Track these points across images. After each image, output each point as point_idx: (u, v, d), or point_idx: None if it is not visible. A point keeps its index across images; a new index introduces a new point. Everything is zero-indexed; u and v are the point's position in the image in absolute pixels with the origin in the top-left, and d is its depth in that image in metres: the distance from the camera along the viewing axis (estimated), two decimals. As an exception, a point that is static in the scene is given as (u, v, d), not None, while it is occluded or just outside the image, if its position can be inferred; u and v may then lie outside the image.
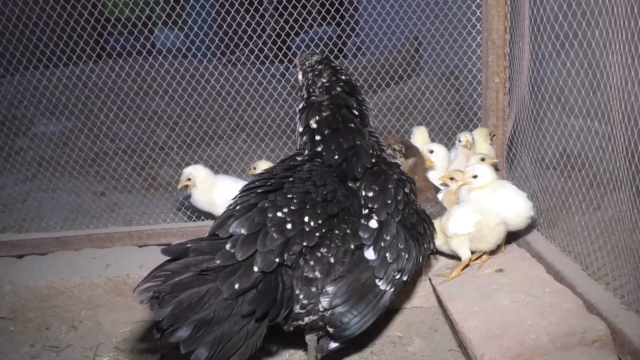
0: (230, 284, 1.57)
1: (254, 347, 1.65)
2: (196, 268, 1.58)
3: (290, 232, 1.72)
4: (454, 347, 2.15)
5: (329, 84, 2.12)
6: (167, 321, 1.50)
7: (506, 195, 2.19)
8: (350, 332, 1.85)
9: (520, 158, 2.56)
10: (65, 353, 2.23)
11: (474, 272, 2.19)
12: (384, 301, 1.89)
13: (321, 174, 1.96)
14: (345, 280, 1.83)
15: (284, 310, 1.73)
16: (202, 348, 1.54)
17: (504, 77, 2.54)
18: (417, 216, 2.04)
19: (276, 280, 1.69)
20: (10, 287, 2.35)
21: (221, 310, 1.56)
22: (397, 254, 1.88)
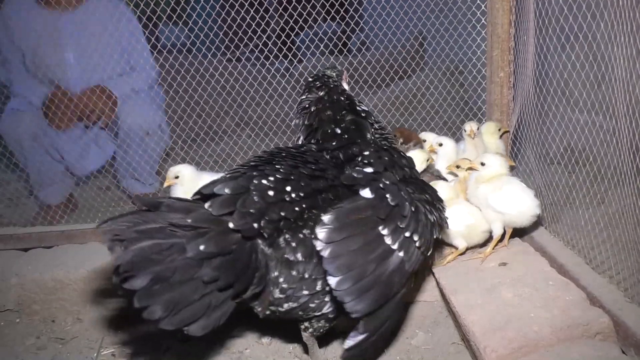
0: (196, 244, 1.49)
1: (216, 322, 1.58)
2: (164, 222, 1.51)
3: (271, 199, 1.65)
4: (457, 340, 2.15)
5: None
6: (125, 266, 1.44)
7: (512, 192, 2.17)
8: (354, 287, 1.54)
9: (525, 152, 2.55)
10: (71, 345, 2.25)
11: (477, 266, 2.19)
12: (392, 264, 1.61)
13: (314, 154, 1.94)
14: (341, 209, 1.60)
15: (253, 287, 1.64)
16: (157, 306, 1.45)
17: (509, 72, 2.54)
18: (425, 187, 1.94)
19: (249, 254, 1.61)
20: (16, 280, 2.38)
21: (183, 270, 1.49)
22: (399, 200, 1.66)
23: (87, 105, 2.94)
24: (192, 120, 3.38)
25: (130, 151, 2.98)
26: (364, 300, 1.57)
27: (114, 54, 3.00)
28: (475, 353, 1.85)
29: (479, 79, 2.76)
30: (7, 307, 2.38)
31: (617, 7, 1.69)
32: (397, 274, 1.64)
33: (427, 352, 2.12)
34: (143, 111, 2.99)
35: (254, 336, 2.25)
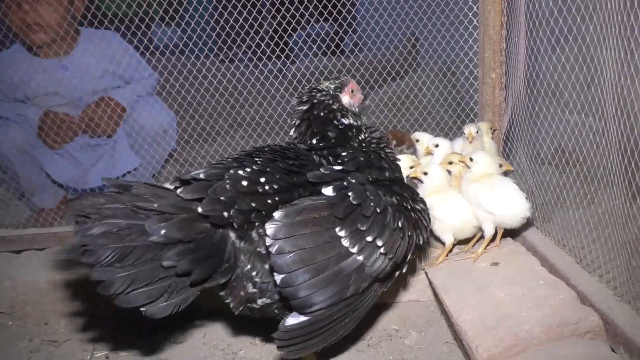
0: (158, 228, 1.53)
1: (175, 307, 1.63)
2: (130, 204, 1.57)
3: (244, 189, 1.66)
4: (449, 339, 2.17)
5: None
6: (83, 240, 1.52)
7: (504, 193, 2.18)
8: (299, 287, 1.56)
9: (516, 153, 2.58)
10: (64, 347, 2.24)
11: (469, 266, 2.21)
12: (347, 267, 1.60)
13: (298, 152, 1.94)
14: (294, 207, 1.61)
15: (218, 277, 1.66)
16: (111, 281, 1.53)
17: (500, 73, 2.56)
18: (406, 192, 1.90)
19: (216, 244, 1.63)
20: (8, 283, 2.37)
21: (141, 251, 1.54)
22: (363, 200, 1.64)
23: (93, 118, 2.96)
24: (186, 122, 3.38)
25: (142, 151, 3.00)
26: (309, 301, 1.59)
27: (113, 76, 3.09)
28: (467, 352, 1.87)
29: (471, 80, 2.78)
30: (0, 310, 2.37)
31: (605, 10, 1.71)
32: (353, 278, 1.62)
33: (421, 352, 2.13)
34: (156, 111, 3.04)
35: (247, 337, 2.25)
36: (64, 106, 3.00)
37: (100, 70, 3.03)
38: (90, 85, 3.02)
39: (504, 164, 2.38)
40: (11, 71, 2.95)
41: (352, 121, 2.13)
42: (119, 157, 3.05)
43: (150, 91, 3.20)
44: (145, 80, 3.17)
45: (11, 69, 2.95)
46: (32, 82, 2.94)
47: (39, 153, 2.95)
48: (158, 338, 2.27)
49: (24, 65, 2.96)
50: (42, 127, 2.92)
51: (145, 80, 3.17)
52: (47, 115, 2.93)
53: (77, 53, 3.04)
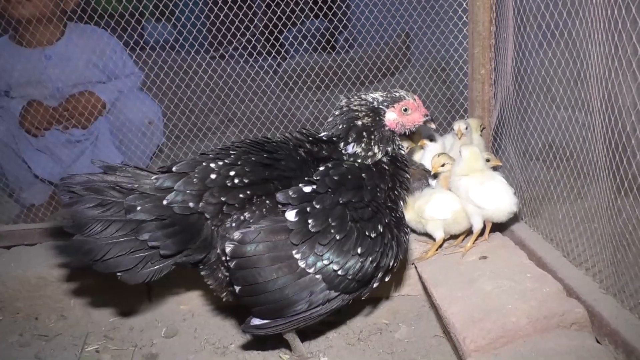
0: (134, 206, 1.72)
1: (149, 276, 1.80)
2: (114, 184, 1.76)
3: (211, 183, 1.78)
4: (439, 332, 2.19)
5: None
6: (70, 211, 1.73)
7: (493, 188, 2.21)
8: (258, 298, 1.72)
9: (505, 149, 2.60)
10: (55, 342, 2.24)
11: (458, 260, 2.23)
12: (306, 285, 1.72)
13: (277, 146, 1.93)
14: (256, 226, 1.72)
15: (192, 253, 1.80)
16: (91, 246, 1.72)
17: (490, 69, 2.58)
18: (382, 214, 1.84)
19: (191, 224, 1.77)
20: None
21: (120, 224, 1.73)
22: (323, 228, 1.70)
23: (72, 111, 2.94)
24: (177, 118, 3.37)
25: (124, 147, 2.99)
26: (263, 313, 1.78)
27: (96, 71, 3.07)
28: (455, 344, 1.89)
29: (461, 76, 2.80)
30: (-10, 305, 2.36)
31: (591, 5, 1.73)
32: (310, 292, 1.75)
33: (410, 345, 2.15)
34: (139, 103, 3.03)
35: (238, 331, 2.26)
36: (45, 98, 2.97)
37: (84, 63, 3.01)
38: (72, 77, 2.99)
39: (492, 159, 2.41)
40: None
41: (358, 150, 1.95)
42: (101, 154, 3.04)
43: (133, 89, 3.18)
44: (130, 78, 3.15)
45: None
46: (15, 71, 2.92)
47: (21, 148, 2.93)
48: (148, 332, 2.28)
49: (8, 55, 2.93)
50: (23, 115, 2.89)
51: (130, 78, 3.15)
52: (28, 104, 2.91)
53: (61, 44, 3.01)
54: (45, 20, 2.85)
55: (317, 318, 1.86)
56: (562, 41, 2.03)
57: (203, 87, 3.06)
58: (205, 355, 2.14)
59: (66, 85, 2.99)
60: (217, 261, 1.86)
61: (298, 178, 1.85)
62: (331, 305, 1.84)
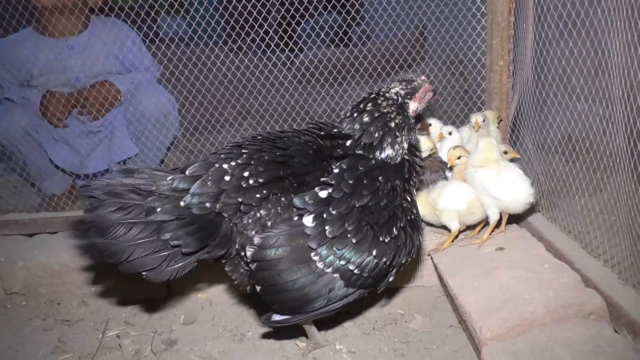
0: (154, 207, 1.75)
1: (173, 274, 1.83)
2: (133, 186, 1.79)
3: (226, 185, 1.80)
4: (454, 323, 2.20)
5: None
6: (92, 216, 1.75)
7: (509, 179, 2.20)
8: (279, 297, 1.79)
9: (523, 140, 2.58)
10: (77, 326, 2.29)
11: (474, 251, 2.23)
12: (324, 283, 1.79)
13: (291, 140, 1.93)
14: (276, 231, 1.77)
15: (213, 250, 1.83)
16: (115, 249, 1.75)
17: (508, 60, 2.56)
18: (397, 217, 1.87)
19: (210, 222, 1.80)
20: (22, 264, 2.42)
21: (142, 226, 1.76)
22: (340, 233, 1.76)
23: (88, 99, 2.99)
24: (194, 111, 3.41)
25: (142, 137, 3.03)
26: (283, 310, 1.85)
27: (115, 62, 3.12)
28: (471, 334, 1.90)
29: (479, 68, 2.78)
30: (14, 290, 2.42)
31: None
32: (329, 290, 1.81)
33: (425, 335, 2.16)
34: (156, 95, 3.06)
35: (255, 319, 2.29)
36: (65, 86, 3.03)
37: (105, 54, 3.05)
38: (93, 67, 3.04)
39: (510, 151, 2.39)
40: (19, 51, 2.97)
41: (390, 152, 1.95)
42: (117, 145, 3.08)
43: (150, 82, 3.22)
44: (148, 71, 3.18)
45: (19, 49, 2.97)
46: (37, 61, 2.97)
47: (41, 137, 2.99)
48: (167, 319, 2.32)
49: (32, 45, 2.99)
50: (45, 105, 2.95)
51: (148, 71, 3.18)
52: (48, 94, 2.97)
53: (84, 35, 3.06)
54: (68, 12, 2.90)
55: (334, 311, 1.90)
56: (584, 31, 2.00)
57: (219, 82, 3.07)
58: (223, 341, 2.17)
59: (86, 76, 3.04)
60: (237, 256, 1.90)
61: (311, 174, 1.88)
62: (348, 300, 1.88)
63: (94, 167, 3.04)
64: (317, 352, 2.08)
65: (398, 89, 1.98)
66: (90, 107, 3.00)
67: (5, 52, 2.98)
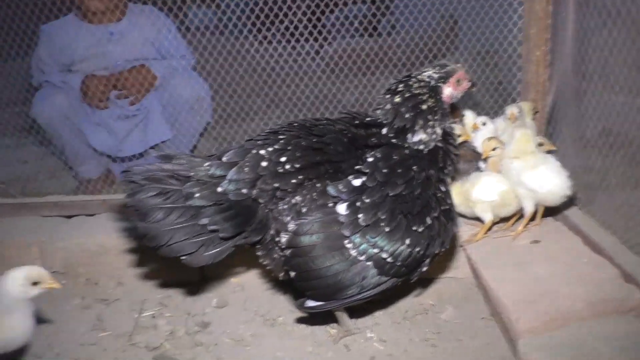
0: (192, 193, 1.78)
1: (211, 259, 1.85)
2: (172, 172, 1.83)
3: (263, 171, 1.83)
4: (486, 315, 2.18)
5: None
6: (134, 201, 1.79)
7: (546, 171, 2.18)
8: (312, 283, 1.82)
9: (560, 133, 2.54)
10: (114, 306, 2.36)
11: (508, 243, 2.22)
12: (358, 271, 1.80)
13: (326, 128, 1.95)
14: (310, 218, 1.80)
15: (249, 235, 1.87)
16: (155, 232, 1.78)
17: (546, 50, 2.51)
18: (430, 207, 1.86)
19: (246, 207, 1.83)
20: (62, 244, 2.49)
21: (181, 211, 1.79)
22: (374, 221, 1.78)
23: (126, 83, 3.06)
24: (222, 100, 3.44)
25: (176, 123, 3.09)
26: (317, 296, 1.87)
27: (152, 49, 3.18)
28: (505, 326, 1.89)
29: (514, 58, 2.73)
30: (54, 269, 2.50)
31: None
32: (362, 278, 1.82)
33: (457, 326, 2.16)
34: (191, 81, 3.11)
35: (286, 305, 2.32)
36: (104, 70, 3.10)
37: (143, 41, 3.12)
38: (131, 53, 3.11)
39: (545, 143, 2.36)
40: (61, 37, 3.06)
41: (423, 136, 1.93)
42: (152, 129, 3.14)
43: (186, 69, 3.27)
44: (183, 58, 3.24)
45: (61, 35, 3.07)
46: (79, 47, 3.06)
47: (80, 121, 3.07)
48: (200, 302, 2.37)
49: (74, 31, 3.07)
50: (84, 89, 3.03)
51: (183, 58, 3.24)
52: (88, 77, 3.05)
53: (124, 22, 3.14)
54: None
55: (367, 299, 1.91)
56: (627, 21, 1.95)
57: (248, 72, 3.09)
58: (255, 325, 2.21)
59: (124, 61, 3.11)
60: (271, 242, 1.92)
61: (346, 161, 1.89)
62: (381, 288, 1.88)
63: (129, 151, 3.11)
64: (348, 339, 2.10)
65: (431, 72, 1.96)
66: (129, 90, 3.06)
67: (49, 37, 3.07)
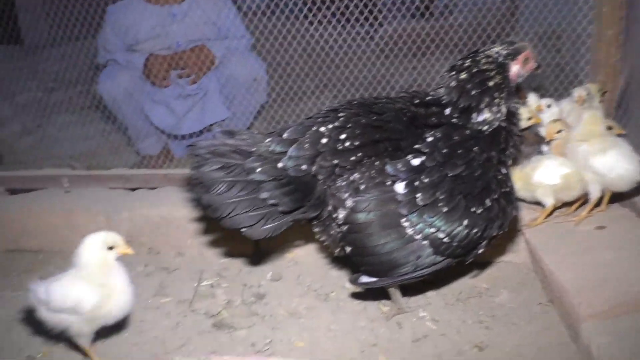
0: (254, 167, 1.83)
1: (269, 232, 1.90)
2: (235, 147, 1.88)
3: (323, 147, 1.85)
4: (543, 301, 2.14)
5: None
6: (198, 174, 1.85)
7: (615, 155, 2.09)
8: (368, 260, 1.86)
9: (632, 116, 2.41)
10: (175, 275, 2.48)
11: (570, 228, 2.16)
12: (413, 250, 1.81)
13: (385, 106, 1.95)
14: (368, 195, 1.82)
15: (307, 210, 1.90)
16: (218, 204, 1.84)
17: (618, 30, 2.38)
18: (491, 189, 1.83)
19: (305, 183, 1.87)
20: (126, 215, 2.63)
21: (243, 184, 1.84)
22: (432, 201, 1.78)
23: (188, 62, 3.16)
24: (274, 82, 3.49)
25: (238, 101, 3.17)
26: (371, 272, 1.91)
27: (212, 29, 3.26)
28: (566, 310, 1.84)
29: (583, 38, 2.60)
30: (158, 239, 2.63)
31: None
32: (417, 257, 1.83)
33: (512, 311, 2.13)
34: (249, 62, 3.18)
35: (338, 281, 2.36)
36: (166, 50, 3.21)
37: (203, 21, 3.20)
38: (192, 33, 3.20)
39: (614, 127, 2.26)
40: (126, 17, 3.19)
41: (488, 115, 1.89)
42: (209, 108, 3.23)
43: (244, 50, 3.33)
44: (242, 39, 3.30)
45: (126, 16, 3.20)
46: (143, 27, 3.18)
47: (142, 99, 3.21)
48: (256, 275, 2.45)
49: (138, 11, 3.19)
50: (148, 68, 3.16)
51: (242, 39, 3.30)
52: (151, 56, 3.17)
53: (187, 3, 3.24)
54: None
55: (421, 278, 1.92)
56: None
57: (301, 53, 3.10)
58: (308, 299, 2.27)
59: (185, 41, 3.21)
60: (329, 218, 1.96)
61: (405, 140, 1.89)
62: (436, 268, 1.89)
63: (187, 129, 3.22)
64: (400, 317, 2.12)
65: (499, 48, 1.91)
66: (189, 70, 3.16)
67: (114, 17, 3.20)
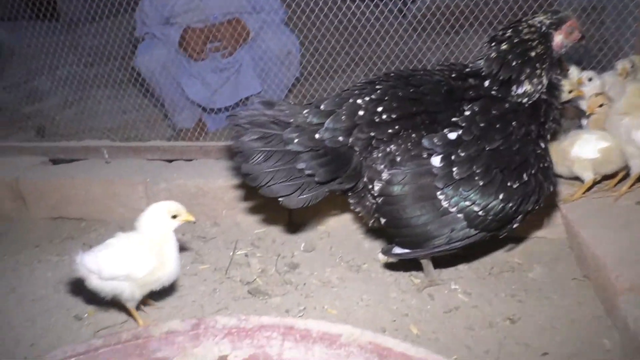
0: (291, 138, 1.86)
1: (306, 202, 1.96)
2: (273, 118, 1.92)
3: (360, 120, 1.87)
4: (578, 276, 2.12)
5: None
6: (238, 143, 1.90)
7: None
8: (402, 231, 1.88)
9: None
10: (211, 243, 2.55)
11: (609, 203, 2.12)
12: (447, 222, 1.82)
13: (423, 78, 1.94)
14: (403, 168, 1.84)
15: (343, 181, 1.93)
16: (255, 176, 1.91)
17: (667, 0, 2.29)
18: (529, 163, 1.82)
19: (341, 154, 1.89)
20: (164, 185, 2.71)
21: (281, 154, 1.89)
22: (468, 175, 1.77)
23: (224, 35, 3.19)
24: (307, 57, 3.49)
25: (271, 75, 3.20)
26: (405, 243, 1.94)
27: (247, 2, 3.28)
28: (603, 284, 1.83)
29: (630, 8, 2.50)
30: (187, 207, 2.72)
31: None
32: (451, 229, 1.84)
33: (545, 285, 2.12)
34: (282, 36, 3.22)
35: (370, 253, 2.39)
36: (201, 23, 3.25)
37: None
38: (227, 6, 3.24)
39: None
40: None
41: (528, 88, 1.87)
42: (243, 82, 3.27)
43: (278, 23, 3.34)
44: (276, 13, 3.31)
45: None
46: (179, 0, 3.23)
47: (178, 72, 3.26)
48: (289, 245, 2.50)
49: None
50: (186, 41, 3.21)
51: (276, 13, 3.31)
52: (189, 29, 3.21)
53: None
54: None
55: (454, 250, 1.93)
56: None
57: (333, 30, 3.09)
58: (341, 270, 2.31)
59: (220, 13, 3.24)
60: (364, 189, 1.98)
61: (442, 112, 1.89)
62: (470, 241, 1.89)
63: (221, 102, 3.28)
64: (432, 289, 2.14)
65: (542, 17, 1.86)
66: (224, 43, 3.20)
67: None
